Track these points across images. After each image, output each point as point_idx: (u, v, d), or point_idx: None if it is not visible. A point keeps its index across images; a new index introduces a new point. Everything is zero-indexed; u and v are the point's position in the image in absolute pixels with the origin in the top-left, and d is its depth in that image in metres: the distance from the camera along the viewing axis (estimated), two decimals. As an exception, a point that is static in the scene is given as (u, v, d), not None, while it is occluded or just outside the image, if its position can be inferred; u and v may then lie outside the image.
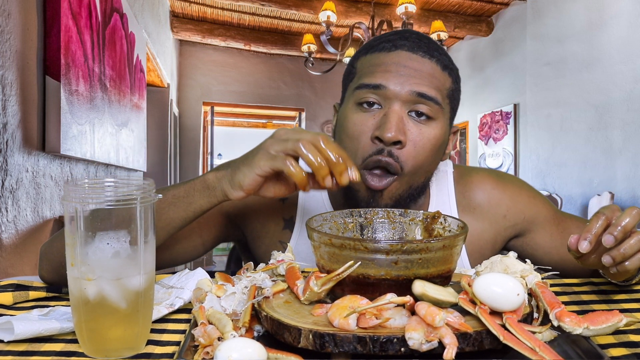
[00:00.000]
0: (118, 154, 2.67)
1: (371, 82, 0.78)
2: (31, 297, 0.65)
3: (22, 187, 1.52)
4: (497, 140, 5.55)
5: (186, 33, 5.83)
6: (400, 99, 0.77)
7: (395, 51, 0.79)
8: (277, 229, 0.91)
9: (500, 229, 0.91)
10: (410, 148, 0.77)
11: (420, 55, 0.79)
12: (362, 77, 0.80)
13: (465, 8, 5.42)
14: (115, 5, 2.54)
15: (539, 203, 0.93)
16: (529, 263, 0.56)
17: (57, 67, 1.68)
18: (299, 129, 0.64)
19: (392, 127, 0.75)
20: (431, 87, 0.78)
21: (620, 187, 3.84)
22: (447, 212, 0.90)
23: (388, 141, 0.75)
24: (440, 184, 0.92)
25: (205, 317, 0.51)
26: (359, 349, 0.45)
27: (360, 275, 0.52)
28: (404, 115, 0.77)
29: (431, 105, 0.77)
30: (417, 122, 0.78)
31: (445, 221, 0.66)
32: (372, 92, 0.78)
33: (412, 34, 0.82)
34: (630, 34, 3.75)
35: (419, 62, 0.78)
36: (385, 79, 0.77)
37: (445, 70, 0.81)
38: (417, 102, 0.77)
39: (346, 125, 0.80)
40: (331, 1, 3.92)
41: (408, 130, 0.77)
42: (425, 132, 0.78)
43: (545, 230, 0.91)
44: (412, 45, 0.79)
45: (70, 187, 0.47)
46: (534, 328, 0.48)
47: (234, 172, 0.66)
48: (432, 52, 0.80)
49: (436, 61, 0.80)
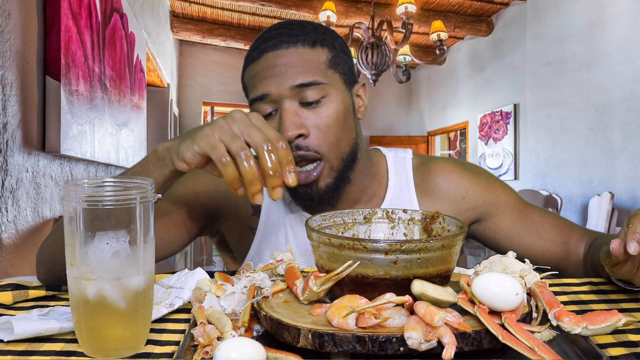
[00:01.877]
0: (118, 154, 2.67)
1: (256, 95, 0.81)
2: (31, 296, 0.65)
3: (22, 187, 1.53)
4: (497, 140, 5.55)
5: (186, 33, 5.84)
6: (285, 97, 0.80)
7: (264, 55, 0.82)
8: (247, 215, 0.94)
9: (459, 210, 0.93)
10: (316, 133, 0.80)
11: (284, 48, 0.81)
12: (250, 92, 0.84)
13: (465, 8, 5.42)
14: (115, 5, 2.54)
15: (498, 188, 0.94)
16: (528, 263, 0.56)
17: (57, 67, 1.68)
18: (253, 124, 0.60)
19: (288, 126, 0.78)
20: (306, 73, 0.80)
21: (620, 187, 3.84)
22: (405, 194, 0.93)
23: (290, 139, 0.79)
24: (399, 169, 0.95)
25: (204, 317, 0.51)
26: (358, 349, 0.45)
27: (359, 274, 0.52)
28: (297, 108, 0.80)
29: (314, 88, 0.80)
30: (312, 108, 0.81)
31: (444, 221, 0.66)
32: (262, 103, 0.81)
33: (273, 30, 0.84)
34: (630, 34, 3.75)
35: (285, 55, 0.81)
36: (264, 86, 0.80)
37: (315, 45, 0.82)
38: (301, 92, 0.80)
39: None
40: (331, 1, 3.92)
41: (306, 119, 0.80)
42: (322, 112, 0.81)
43: (506, 215, 0.92)
44: (275, 42, 0.82)
45: (70, 186, 0.47)
46: (532, 327, 0.48)
47: (180, 143, 0.64)
48: (295, 39, 0.82)
49: (302, 44, 0.82)
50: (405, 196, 0.93)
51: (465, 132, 6.47)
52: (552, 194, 4.35)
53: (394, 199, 0.92)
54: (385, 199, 0.93)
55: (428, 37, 4.96)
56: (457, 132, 6.96)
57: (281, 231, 0.92)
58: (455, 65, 6.58)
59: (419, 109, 7.69)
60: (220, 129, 0.60)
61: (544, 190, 4.60)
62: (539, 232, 0.91)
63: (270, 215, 0.93)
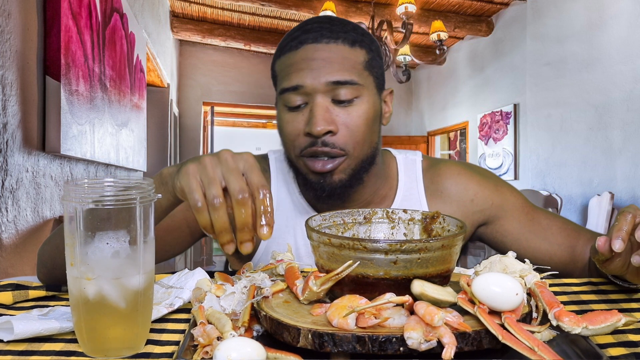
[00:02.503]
0: (118, 154, 2.67)
1: (289, 85, 0.81)
2: (31, 296, 0.65)
3: (22, 187, 1.53)
4: (497, 140, 5.55)
5: (186, 33, 5.83)
6: (319, 91, 0.80)
7: (302, 47, 0.81)
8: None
9: (468, 212, 0.93)
10: (344, 131, 0.81)
11: (325, 43, 0.81)
12: (282, 81, 0.83)
13: (465, 8, 5.42)
14: (115, 5, 2.54)
15: (506, 191, 0.95)
16: (528, 263, 0.56)
17: (57, 67, 1.68)
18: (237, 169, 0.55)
19: (319, 121, 0.78)
20: (344, 71, 0.80)
21: (620, 187, 3.84)
22: (414, 196, 0.93)
23: (318, 134, 0.79)
24: (409, 171, 0.96)
25: (204, 317, 0.51)
26: (358, 349, 0.45)
27: (359, 274, 0.52)
28: (329, 104, 0.80)
29: (349, 87, 0.80)
30: (343, 106, 0.81)
31: (444, 221, 0.66)
32: (293, 93, 0.81)
33: (314, 23, 0.84)
34: (630, 34, 3.75)
35: (325, 50, 0.80)
36: (300, 78, 0.80)
37: (354, 45, 0.82)
38: (336, 89, 0.80)
39: (281, 125, 0.85)
40: (331, 1, 3.92)
41: (336, 117, 0.80)
42: (353, 112, 0.81)
43: (514, 218, 0.93)
44: (316, 35, 0.81)
45: (70, 186, 0.47)
46: (532, 327, 0.48)
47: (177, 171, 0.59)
48: (336, 35, 0.81)
49: (342, 41, 0.81)
50: (414, 198, 0.93)
51: (465, 132, 6.46)
52: (552, 194, 4.35)
53: (403, 201, 0.93)
54: (395, 200, 0.93)
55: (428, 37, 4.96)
56: (457, 132, 6.96)
57: (290, 232, 0.92)
58: (455, 65, 6.58)
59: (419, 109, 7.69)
60: (202, 170, 0.56)
61: (544, 190, 4.60)
62: (546, 236, 0.91)
63: (279, 217, 0.92)
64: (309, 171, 0.82)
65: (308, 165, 0.81)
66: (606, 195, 3.79)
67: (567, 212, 4.45)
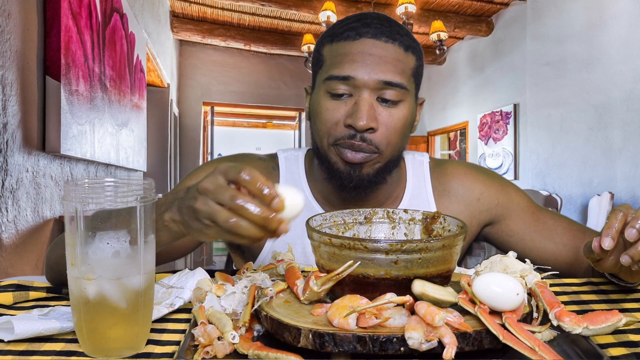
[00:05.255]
0: (118, 154, 2.67)
1: (340, 74, 0.81)
2: (31, 297, 0.65)
3: (22, 187, 1.53)
4: (497, 140, 5.55)
5: (186, 33, 5.83)
6: (368, 87, 0.80)
7: (360, 39, 0.81)
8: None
9: (474, 212, 0.94)
10: (383, 130, 0.81)
11: (383, 41, 0.81)
12: (331, 67, 0.83)
13: (465, 8, 5.42)
14: (115, 5, 2.54)
15: (512, 191, 0.96)
16: (528, 263, 0.56)
17: (57, 67, 1.68)
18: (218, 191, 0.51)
19: (364, 116, 0.79)
20: (396, 73, 0.81)
21: (620, 187, 3.84)
22: (423, 196, 0.94)
23: (360, 129, 0.79)
24: (417, 171, 0.97)
25: (205, 317, 0.51)
26: (359, 349, 0.45)
27: (360, 274, 0.52)
28: (373, 101, 0.81)
29: (397, 90, 0.81)
30: (386, 106, 0.82)
31: (445, 221, 0.66)
32: (341, 82, 0.81)
33: (374, 18, 0.84)
34: (630, 34, 3.75)
35: (382, 48, 0.81)
36: (352, 69, 0.80)
37: (408, 50, 0.83)
38: (384, 89, 0.81)
39: (319, 111, 0.84)
40: (331, 1, 3.92)
41: (379, 115, 0.81)
42: (395, 114, 0.82)
43: (519, 218, 0.93)
44: (376, 31, 0.81)
45: (70, 187, 0.47)
46: (533, 327, 0.48)
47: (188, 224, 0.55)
48: (394, 36, 0.82)
49: (399, 44, 0.82)
50: (422, 198, 0.94)
51: (465, 132, 6.46)
52: (552, 194, 4.35)
53: (412, 200, 0.94)
54: (403, 200, 0.94)
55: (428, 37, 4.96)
56: (457, 132, 6.95)
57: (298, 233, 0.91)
58: (455, 65, 6.58)
59: (419, 109, 7.68)
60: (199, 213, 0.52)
61: (544, 190, 4.60)
62: (551, 236, 0.91)
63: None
64: (339, 160, 0.83)
65: (341, 154, 0.82)
66: (606, 195, 3.79)
67: (567, 212, 4.45)
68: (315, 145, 0.87)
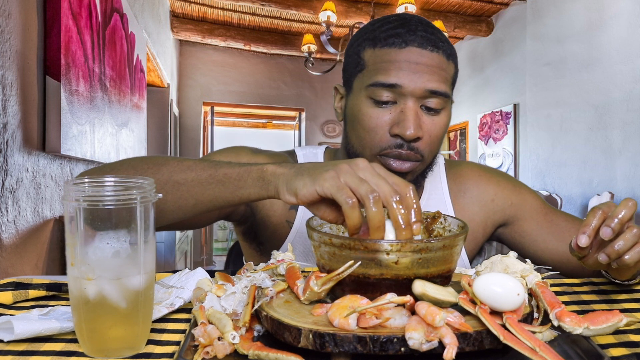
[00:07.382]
0: (118, 154, 2.67)
1: (386, 81, 0.80)
2: (31, 296, 0.65)
3: (22, 187, 1.52)
4: (497, 140, 5.55)
5: (186, 33, 5.83)
6: (414, 95, 0.80)
7: (406, 47, 0.81)
8: (285, 207, 0.92)
9: (489, 212, 0.95)
10: (427, 139, 0.83)
11: (429, 50, 0.81)
12: (375, 73, 0.82)
13: (465, 8, 5.42)
14: (115, 5, 2.54)
15: (524, 192, 0.97)
16: (529, 263, 0.56)
17: (57, 67, 1.68)
18: (379, 174, 0.56)
19: (412, 125, 0.79)
20: (441, 82, 0.81)
21: (620, 187, 3.84)
22: (439, 196, 0.95)
23: (409, 138, 0.80)
24: (434, 173, 0.98)
25: (205, 317, 0.51)
26: (359, 349, 0.45)
27: (361, 275, 0.52)
28: (418, 109, 0.82)
29: (440, 98, 0.82)
30: (430, 114, 0.83)
31: (445, 221, 0.66)
32: (384, 89, 0.81)
33: (418, 26, 0.83)
34: (630, 34, 3.75)
35: (428, 57, 0.81)
36: (399, 77, 0.80)
37: (449, 59, 0.84)
38: (429, 97, 0.81)
39: (361, 118, 0.83)
40: (331, 1, 3.92)
41: (423, 124, 0.82)
42: (437, 122, 0.83)
43: (532, 219, 0.94)
44: (422, 41, 0.81)
45: (70, 186, 0.47)
46: (534, 328, 0.48)
47: (295, 176, 0.60)
48: (438, 44, 0.82)
49: (442, 53, 0.82)
50: (438, 198, 0.95)
51: (465, 132, 6.46)
52: (552, 194, 4.35)
53: (429, 200, 0.94)
54: (420, 200, 0.94)
55: (428, 37, 4.95)
56: (457, 132, 6.95)
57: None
58: (455, 66, 6.58)
59: (419, 109, 7.69)
60: (345, 173, 0.56)
61: (544, 190, 4.60)
62: (564, 237, 0.91)
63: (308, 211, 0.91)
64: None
65: (387, 164, 0.82)
66: (606, 195, 3.79)
67: (566, 211, 4.44)
68: (354, 151, 0.86)
